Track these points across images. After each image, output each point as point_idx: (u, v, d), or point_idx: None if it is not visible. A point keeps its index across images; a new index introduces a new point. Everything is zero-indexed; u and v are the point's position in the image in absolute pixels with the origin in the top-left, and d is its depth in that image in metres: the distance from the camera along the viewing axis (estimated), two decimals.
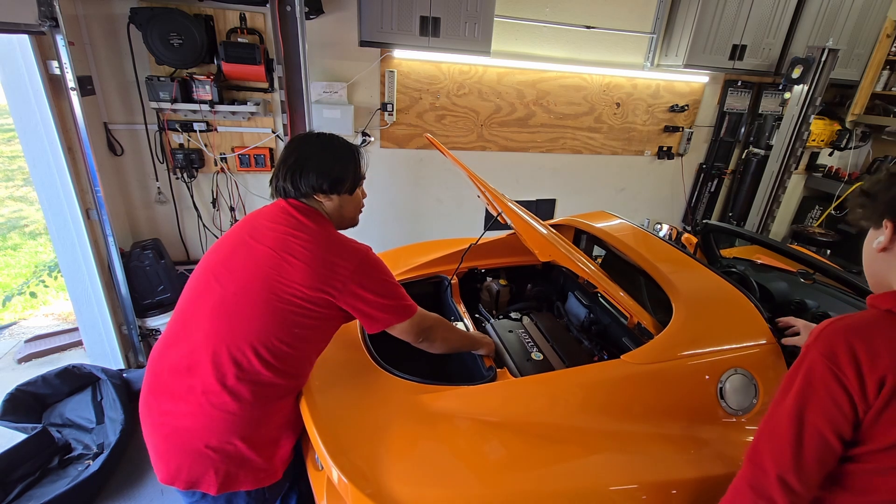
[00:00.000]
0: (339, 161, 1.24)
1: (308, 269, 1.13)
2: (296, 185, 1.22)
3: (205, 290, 1.19)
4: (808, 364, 0.80)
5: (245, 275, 1.15)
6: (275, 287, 1.12)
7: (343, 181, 1.24)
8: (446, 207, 3.67)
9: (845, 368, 0.75)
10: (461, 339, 1.48)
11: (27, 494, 1.92)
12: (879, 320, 0.78)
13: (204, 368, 1.12)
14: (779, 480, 0.80)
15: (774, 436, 0.82)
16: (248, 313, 1.13)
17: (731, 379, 1.30)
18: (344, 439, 1.17)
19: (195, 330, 1.16)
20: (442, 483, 1.09)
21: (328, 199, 1.24)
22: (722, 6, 3.17)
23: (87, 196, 2.39)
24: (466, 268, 2.10)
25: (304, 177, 1.21)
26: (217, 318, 1.14)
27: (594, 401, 1.29)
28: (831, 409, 0.77)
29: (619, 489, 1.12)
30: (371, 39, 2.74)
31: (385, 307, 1.22)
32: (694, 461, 1.19)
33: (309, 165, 1.21)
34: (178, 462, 1.13)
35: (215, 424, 1.11)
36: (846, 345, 0.76)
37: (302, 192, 1.23)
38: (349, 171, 1.25)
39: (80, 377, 2.37)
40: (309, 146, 1.25)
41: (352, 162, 1.26)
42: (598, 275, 1.54)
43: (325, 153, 1.24)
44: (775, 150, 3.55)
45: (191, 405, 1.12)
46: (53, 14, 1.97)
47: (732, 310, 1.46)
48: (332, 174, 1.22)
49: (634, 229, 2.02)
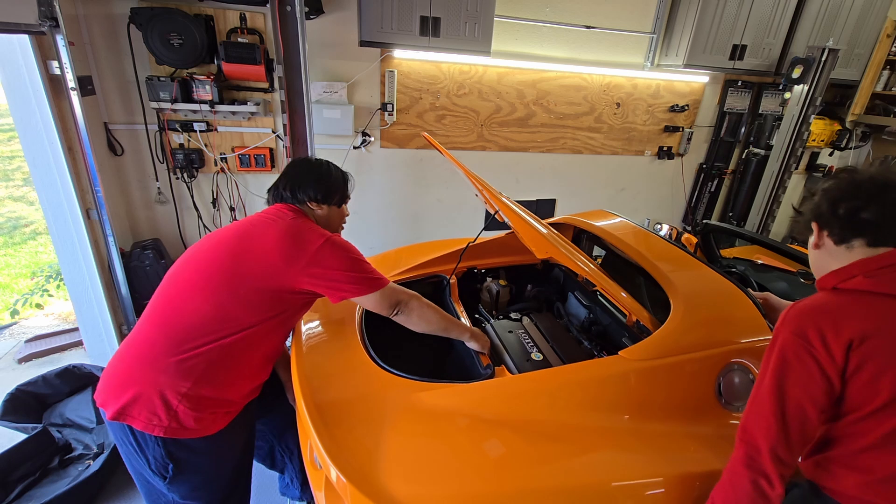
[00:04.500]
0: (333, 179, 1.49)
1: (279, 241, 1.27)
2: (294, 192, 1.44)
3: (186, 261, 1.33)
4: (780, 343, 0.92)
5: (222, 239, 1.31)
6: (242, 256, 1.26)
7: (334, 194, 1.47)
8: (446, 207, 3.67)
9: (814, 342, 0.88)
10: (443, 320, 1.50)
11: (27, 494, 1.92)
12: (832, 298, 0.93)
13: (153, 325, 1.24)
14: (771, 454, 0.89)
15: (760, 414, 0.91)
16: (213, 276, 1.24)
17: (729, 374, 1.30)
18: (342, 438, 1.17)
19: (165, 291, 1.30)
20: (440, 481, 1.09)
21: (319, 207, 1.46)
22: (722, 6, 3.17)
23: (88, 196, 2.40)
24: (465, 267, 2.10)
25: (302, 187, 1.43)
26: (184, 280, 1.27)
27: (592, 397, 1.29)
28: (806, 380, 0.89)
29: (618, 485, 1.12)
30: (371, 39, 2.74)
31: (349, 278, 1.32)
32: (692, 456, 1.19)
33: (308, 178, 1.45)
34: (104, 383, 1.23)
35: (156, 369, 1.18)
36: (811, 321, 0.89)
37: (298, 199, 1.44)
38: (339, 187, 1.50)
39: (81, 377, 2.37)
40: (309, 165, 1.50)
41: (342, 182, 1.52)
42: (597, 273, 1.54)
43: (322, 171, 1.49)
44: (775, 150, 3.55)
45: (139, 345, 1.23)
46: (53, 14, 1.97)
47: (729, 305, 1.46)
48: (326, 187, 1.45)
49: (633, 227, 2.03)
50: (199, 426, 1.21)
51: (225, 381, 1.24)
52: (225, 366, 1.23)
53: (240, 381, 1.29)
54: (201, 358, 1.19)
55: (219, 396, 1.23)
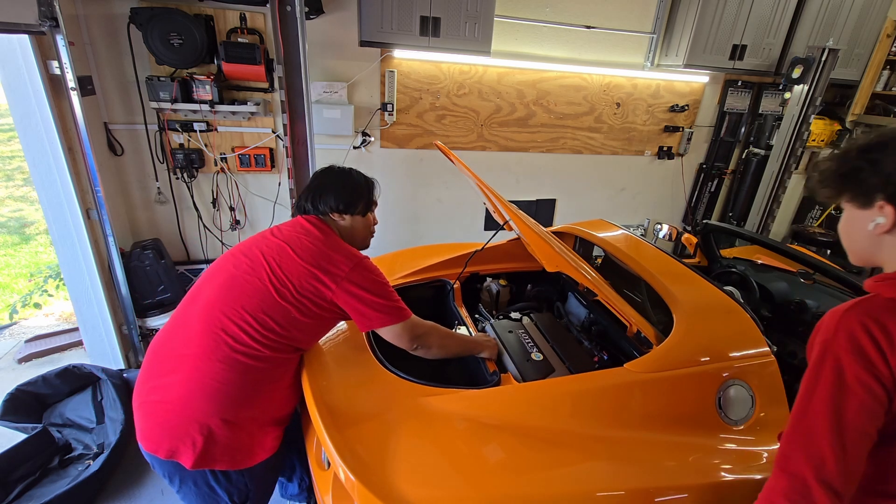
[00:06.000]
0: (356, 187, 1.44)
1: (305, 261, 1.27)
2: (315, 204, 1.41)
3: (218, 271, 1.33)
4: (833, 362, 0.77)
5: (256, 259, 1.30)
6: (276, 271, 1.26)
7: (356, 203, 1.42)
8: (446, 207, 3.66)
9: (874, 360, 0.74)
10: (460, 345, 1.52)
11: (27, 494, 1.92)
12: (888, 306, 0.77)
13: (197, 338, 1.22)
14: (823, 485, 0.75)
15: (811, 443, 0.77)
16: (249, 289, 1.25)
17: (729, 390, 1.32)
18: (352, 438, 1.17)
19: (196, 307, 1.28)
20: (449, 484, 1.10)
21: (342, 218, 1.42)
22: (722, 6, 3.17)
23: (88, 196, 2.39)
24: (469, 272, 2.11)
25: (323, 198, 1.40)
26: (221, 290, 1.27)
27: (598, 407, 1.31)
28: (870, 403, 0.75)
29: (623, 494, 1.13)
30: (371, 39, 2.74)
31: (378, 306, 1.30)
32: (693, 469, 1.21)
33: (329, 189, 1.41)
34: (161, 431, 1.20)
35: (201, 394, 1.17)
36: (867, 335, 0.75)
37: (320, 211, 1.41)
38: (363, 195, 1.44)
39: (81, 377, 2.37)
40: (332, 175, 1.46)
41: (366, 189, 1.46)
42: (604, 286, 1.55)
43: (344, 180, 1.44)
44: (775, 150, 3.55)
45: (180, 374, 1.19)
46: (53, 14, 1.97)
47: (730, 322, 1.48)
48: (348, 196, 1.41)
49: (636, 240, 2.03)
50: (270, 446, 1.30)
51: (282, 398, 1.33)
52: (281, 383, 1.31)
53: (294, 393, 1.39)
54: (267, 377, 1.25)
55: (280, 413, 1.33)
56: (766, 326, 1.84)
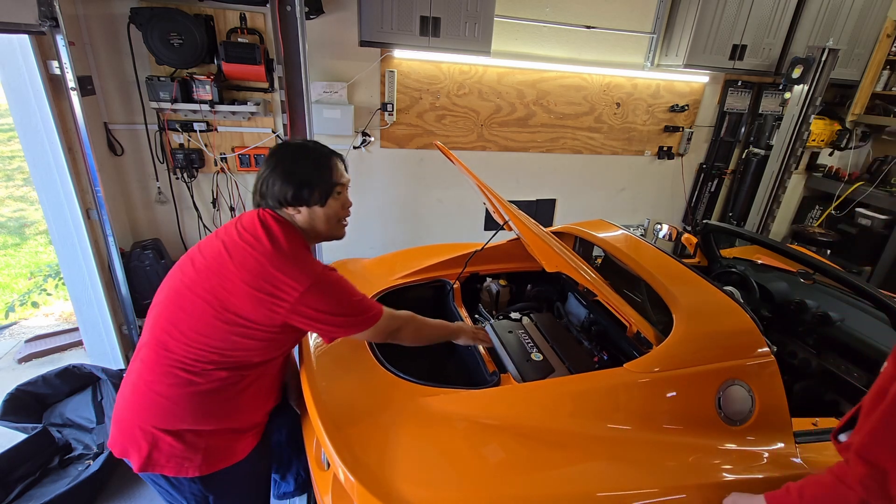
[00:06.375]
0: (306, 173, 1.16)
1: (247, 283, 1.07)
2: (264, 195, 1.18)
3: (171, 275, 1.20)
4: None
5: (201, 268, 1.13)
6: (215, 289, 1.09)
7: (309, 193, 1.16)
8: (447, 207, 3.66)
9: None
10: (436, 330, 1.46)
11: (27, 494, 1.92)
12: None
13: (145, 348, 1.15)
14: None
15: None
16: (188, 307, 1.11)
17: (729, 390, 1.32)
18: (351, 438, 1.17)
19: (151, 314, 1.19)
20: (449, 485, 1.10)
21: (297, 211, 1.18)
22: (722, 6, 3.17)
23: (88, 196, 2.39)
24: (469, 272, 2.11)
25: (270, 188, 1.16)
26: (165, 302, 1.15)
27: (598, 407, 1.30)
28: None
29: (623, 494, 1.13)
30: (371, 39, 2.74)
31: (340, 322, 1.17)
32: (693, 469, 1.21)
33: (276, 176, 1.15)
34: (116, 429, 1.17)
35: (144, 403, 1.13)
36: None
37: (270, 205, 1.18)
38: (315, 182, 1.16)
39: (81, 377, 2.37)
40: (279, 157, 1.18)
41: (318, 174, 1.17)
42: (604, 286, 1.55)
43: (293, 163, 1.17)
44: (775, 150, 3.55)
45: (132, 377, 1.16)
46: (53, 14, 1.97)
47: (730, 322, 1.48)
48: (296, 186, 1.15)
49: (635, 240, 2.03)
50: (230, 453, 1.19)
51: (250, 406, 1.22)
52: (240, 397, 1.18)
53: (263, 402, 1.28)
54: (215, 393, 1.13)
55: (241, 424, 1.21)
56: (766, 326, 1.85)
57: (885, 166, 3.92)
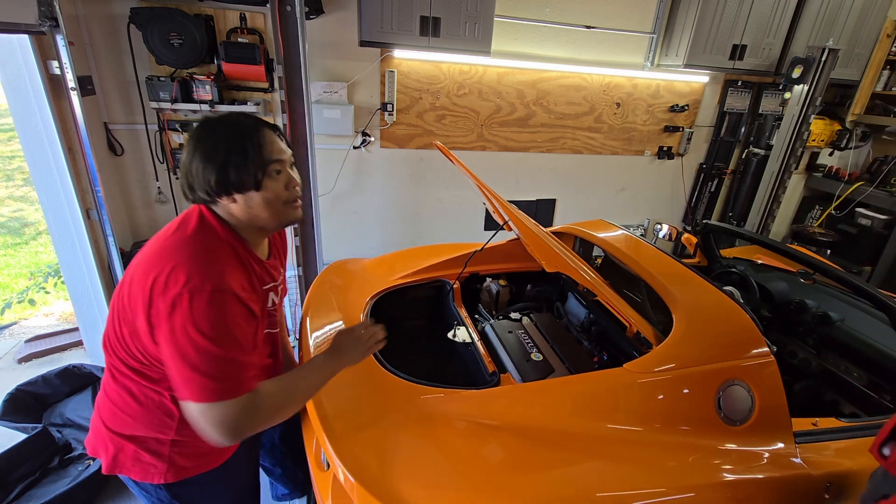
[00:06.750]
0: (226, 149, 0.92)
1: (137, 280, 0.92)
2: (192, 187, 0.96)
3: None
4: None
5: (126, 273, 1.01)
6: (124, 290, 0.97)
7: (230, 175, 0.93)
8: (447, 207, 3.66)
9: None
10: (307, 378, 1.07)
11: (27, 494, 1.92)
12: None
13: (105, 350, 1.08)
14: None
15: None
16: (118, 309, 0.99)
17: (729, 390, 1.32)
18: (351, 439, 1.17)
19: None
20: (449, 485, 1.10)
21: (231, 200, 0.96)
22: (722, 6, 3.17)
23: (88, 196, 2.40)
24: (469, 273, 2.11)
25: (195, 177, 0.94)
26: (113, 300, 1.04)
27: (598, 408, 1.30)
28: None
29: (623, 495, 1.13)
30: (371, 39, 2.74)
31: (185, 376, 0.87)
32: (693, 469, 1.21)
33: (196, 160, 0.93)
34: (91, 428, 1.14)
35: (104, 404, 1.09)
36: None
37: (201, 198, 0.96)
38: (240, 160, 0.93)
39: (81, 377, 2.37)
40: (198, 136, 0.95)
41: (242, 147, 0.93)
42: (603, 286, 1.55)
43: (215, 142, 0.93)
44: (775, 150, 3.55)
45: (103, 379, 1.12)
46: (53, 14, 1.97)
47: (730, 322, 1.48)
48: (217, 167, 0.92)
49: (635, 240, 2.03)
50: (202, 462, 1.11)
51: None
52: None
53: None
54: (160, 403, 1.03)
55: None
56: (766, 326, 1.85)
57: (885, 166, 3.92)
